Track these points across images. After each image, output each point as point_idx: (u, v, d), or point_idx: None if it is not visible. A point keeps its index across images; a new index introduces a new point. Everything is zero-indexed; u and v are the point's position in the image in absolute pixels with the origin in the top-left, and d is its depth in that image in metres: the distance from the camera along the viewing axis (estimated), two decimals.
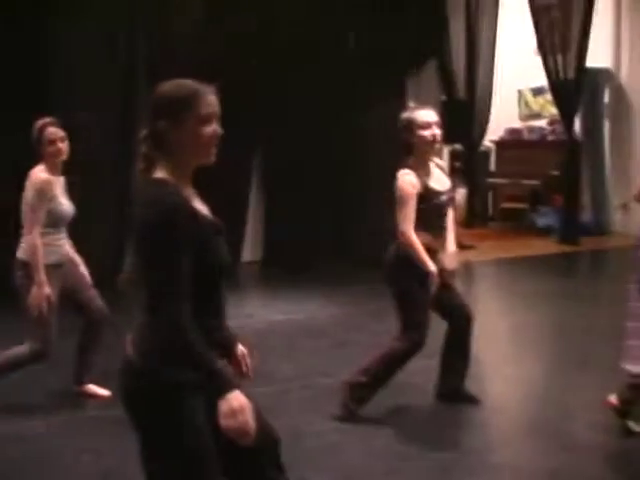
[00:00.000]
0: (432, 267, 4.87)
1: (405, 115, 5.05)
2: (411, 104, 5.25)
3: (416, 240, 4.87)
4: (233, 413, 2.50)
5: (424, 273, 4.86)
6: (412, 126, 4.95)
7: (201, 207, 2.73)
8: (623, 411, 4.85)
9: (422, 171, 4.98)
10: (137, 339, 2.64)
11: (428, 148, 5.01)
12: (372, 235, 9.53)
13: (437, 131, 4.98)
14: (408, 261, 4.91)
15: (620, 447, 4.78)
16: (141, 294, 2.61)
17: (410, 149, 4.99)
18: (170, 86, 2.69)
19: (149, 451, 2.66)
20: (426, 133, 4.95)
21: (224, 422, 2.50)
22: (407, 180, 4.91)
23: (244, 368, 2.94)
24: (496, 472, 4.43)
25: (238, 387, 2.54)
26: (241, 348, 2.95)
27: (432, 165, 5.10)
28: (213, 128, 2.66)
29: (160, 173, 2.65)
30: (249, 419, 2.53)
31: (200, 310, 2.61)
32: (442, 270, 5.00)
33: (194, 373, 2.54)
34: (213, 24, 9.58)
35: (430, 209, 4.95)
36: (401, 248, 4.96)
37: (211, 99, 2.67)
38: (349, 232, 10.69)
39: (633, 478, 4.40)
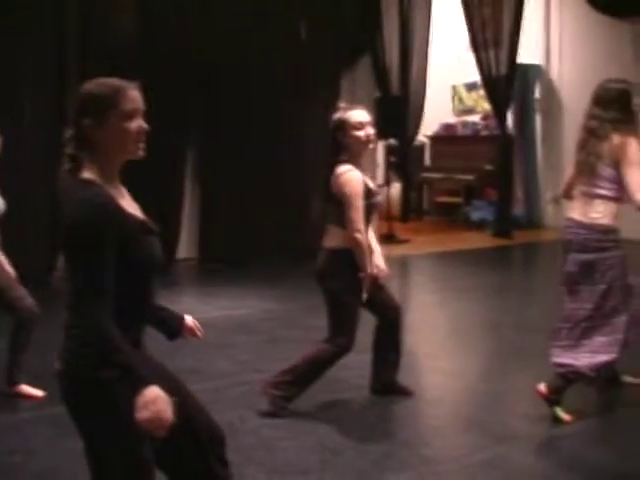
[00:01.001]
0: (371, 270, 4.91)
1: (337, 115, 4.98)
2: (342, 104, 5.20)
3: (365, 241, 4.89)
4: (146, 404, 2.50)
5: (357, 277, 4.88)
6: (345, 126, 4.91)
7: (130, 206, 2.74)
8: (552, 400, 4.97)
9: (358, 170, 4.97)
10: (63, 342, 2.66)
11: (362, 148, 4.98)
12: (311, 231, 9.57)
13: (371, 131, 4.97)
14: (341, 265, 4.92)
15: (550, 435, 4.88)
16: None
17: (343, 149, 4.95)
18: (93, 85, 2.70)
19: (92, 450, 2.68)
20: (360, 133, 4.91)
21: (138, 414, 2.49)
22: (355, 177, 4.87)
23: (198, 332, 3.16)
24: (429, 464, 4.47)
25: (155, 383, 2.54)
26: (188, 317, 3.17)
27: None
28: (138, 123, 2.69)
29: (86, 173, 2.65)
30: (163, 409, 2.52)
31: (127, 308, 2.64)
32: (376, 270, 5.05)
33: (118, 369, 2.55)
34: (148, 20, 9.55)
35: (367, 208, 4.94)
36: (336, 253, 4.95)
37: (134, 95, 2.69)
38: (287, 228, 10.71)
39: (562, 465, 4.49)
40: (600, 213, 4.90)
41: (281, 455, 4.56)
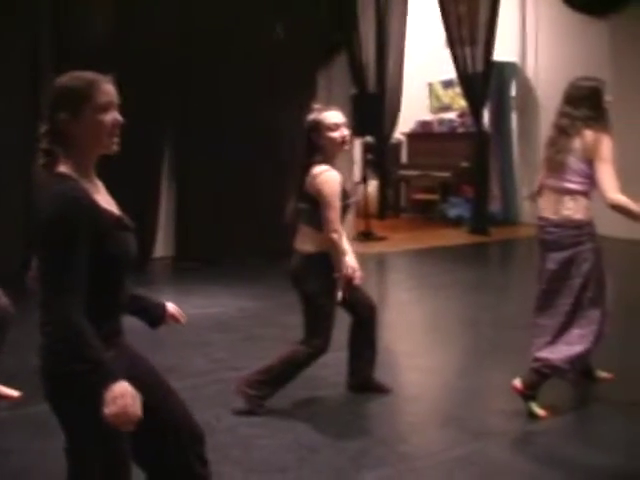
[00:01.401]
0: (346, 270, 4.91)
1: (312, 117, 4.96)
2: (317, 105, 5.17)
3: (341, 242, 4.89)
4: (114, 399, 2.49)
5: (332, 279, 4.88)
6: (320, 127, 4.90)
7: (106, 201, 2.74)
8: (528, 395, 5.00)
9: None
10: (40, 339, 2.64)
11: (337, 149, 4.97)
12: (285, 231, 9.54)
13: (345, 132, 4.96)
14: (316, 268, 4.91)
15: (525, 431, 4.91)
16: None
17: (317, 150, 4.93)
18: (67, 78, 2.70)
19: (71, 446, 2.69)
20: (335, 135, 4.91)
21: (106, 409, 2.49)
22: (333, 177, 4.86)
23: (181, 318, 3.23)
24: (406, 461, 4.48)
25: (123, 379, 2.54)
26: (170, 304, 3.24)
27: None
28: (113, 116, 2.69)
29: (62, 167, 2.65)
30: (130, 404, 2.51)
31: (101, 303, 2.65)
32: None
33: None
34: (124, 19, 9.51)
35: (342, 209, 4.93)
36: (311, 257, 4.94)
37: (108, 88, 2.70)
38: (262, 228, 10.68)
39: (537, 460, 4.51)
40: (571, 209, 4.94)
41: (258, 453, 4.56)
